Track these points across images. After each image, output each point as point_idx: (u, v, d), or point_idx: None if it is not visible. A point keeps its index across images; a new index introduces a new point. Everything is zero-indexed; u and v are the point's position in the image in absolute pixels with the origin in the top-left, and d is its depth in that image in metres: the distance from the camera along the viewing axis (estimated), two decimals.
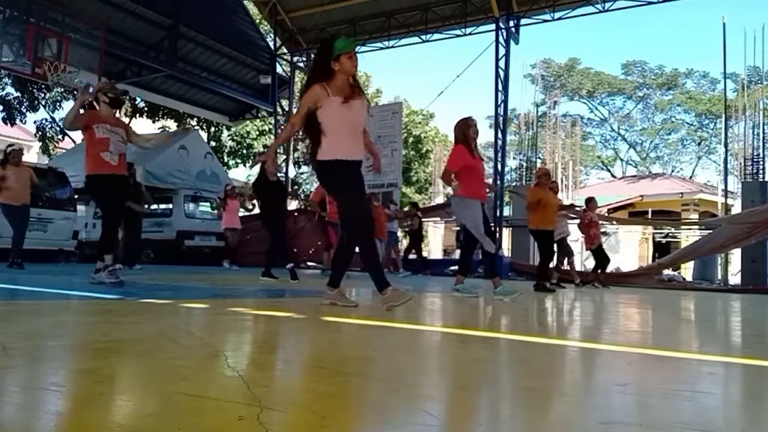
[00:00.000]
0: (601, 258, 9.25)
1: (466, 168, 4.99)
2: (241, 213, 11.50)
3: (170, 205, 13.33)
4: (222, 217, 11.34)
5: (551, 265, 7.88)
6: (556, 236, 8.30)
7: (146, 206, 9.40)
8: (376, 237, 9.66)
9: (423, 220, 14.02)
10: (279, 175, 15.25)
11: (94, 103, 4.75)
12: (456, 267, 11.88)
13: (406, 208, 15.94)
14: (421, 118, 28.98)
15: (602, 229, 12.75)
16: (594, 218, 9.26)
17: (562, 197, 14.24)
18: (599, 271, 9.27)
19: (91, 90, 4.77)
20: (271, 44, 16.77)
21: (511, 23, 13.50)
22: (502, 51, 13.30)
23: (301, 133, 3.55)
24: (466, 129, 5.07)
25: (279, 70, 16.79)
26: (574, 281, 9.03)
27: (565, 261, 9.02)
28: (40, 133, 20.43)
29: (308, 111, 3.29)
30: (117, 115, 5.10)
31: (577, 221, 9.67)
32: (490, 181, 12.91)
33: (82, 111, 4.66)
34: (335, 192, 3.57)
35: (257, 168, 7.40)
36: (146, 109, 20.76)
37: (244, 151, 24.36)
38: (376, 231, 3.85)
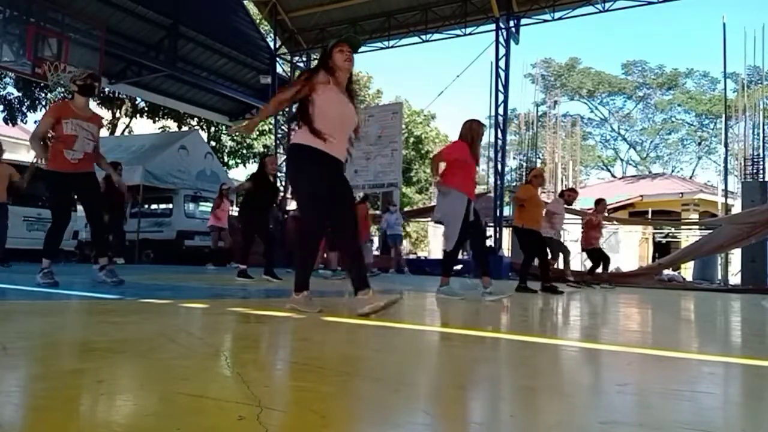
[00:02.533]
0: (601, 258, 9.19)
1: (461, 162, 4.89)
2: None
3: (170, 205, 13.32)
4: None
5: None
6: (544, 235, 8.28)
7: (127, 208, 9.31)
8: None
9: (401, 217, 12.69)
10: (279, 175, 15.14)
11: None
12: (458, 267, 11.94)
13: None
14: (422, 119, 28.98)
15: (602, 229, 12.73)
16: (598, 221, 9.21)
17: None
18: (604, 270, 9.23)
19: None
20: (271, 44, 16.77)
21: (511, 23, 13.49)
22: (502, 51, 13.29)
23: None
24: (477, 130, 5.01)
25: (279, 70, 16.79)
26: (567, 279, 8.94)
27: (560, 260, 8.98)
28: None
29: (302, 92, 3.11)
30: (91, 105, 4.88)
31: (580, 220, 9.67)
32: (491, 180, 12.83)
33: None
34: (293, 184, 3.20)
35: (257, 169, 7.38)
36: (146, 109, 20.80)
37: (244, 151, 24.36)
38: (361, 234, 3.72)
